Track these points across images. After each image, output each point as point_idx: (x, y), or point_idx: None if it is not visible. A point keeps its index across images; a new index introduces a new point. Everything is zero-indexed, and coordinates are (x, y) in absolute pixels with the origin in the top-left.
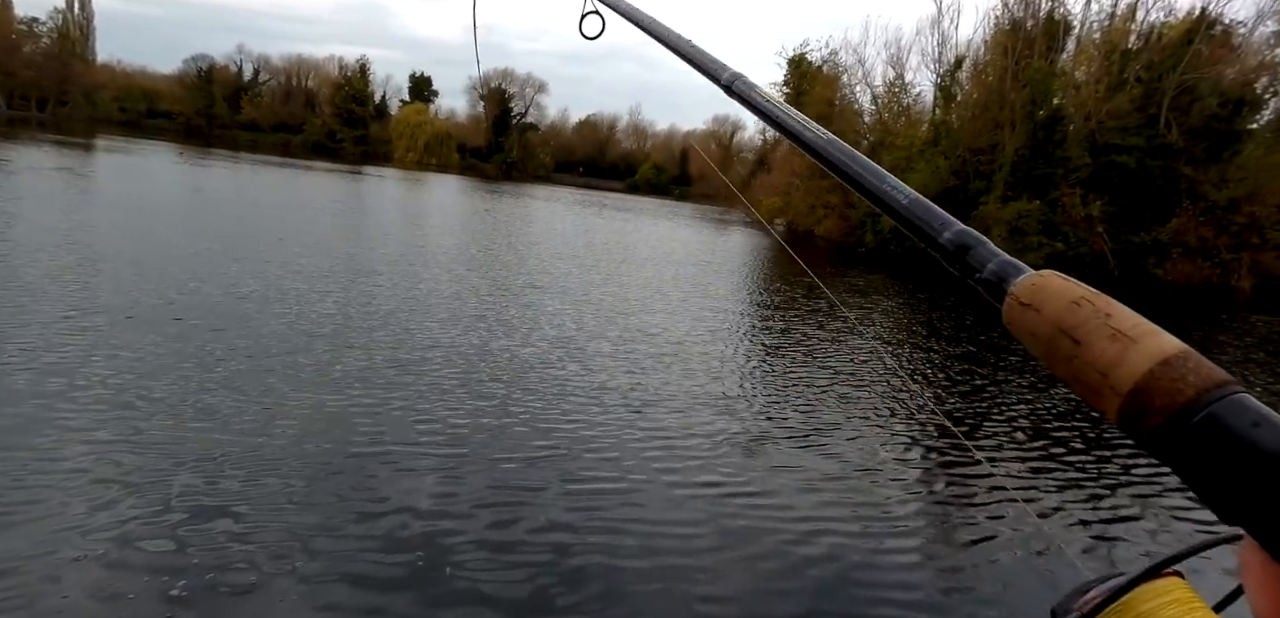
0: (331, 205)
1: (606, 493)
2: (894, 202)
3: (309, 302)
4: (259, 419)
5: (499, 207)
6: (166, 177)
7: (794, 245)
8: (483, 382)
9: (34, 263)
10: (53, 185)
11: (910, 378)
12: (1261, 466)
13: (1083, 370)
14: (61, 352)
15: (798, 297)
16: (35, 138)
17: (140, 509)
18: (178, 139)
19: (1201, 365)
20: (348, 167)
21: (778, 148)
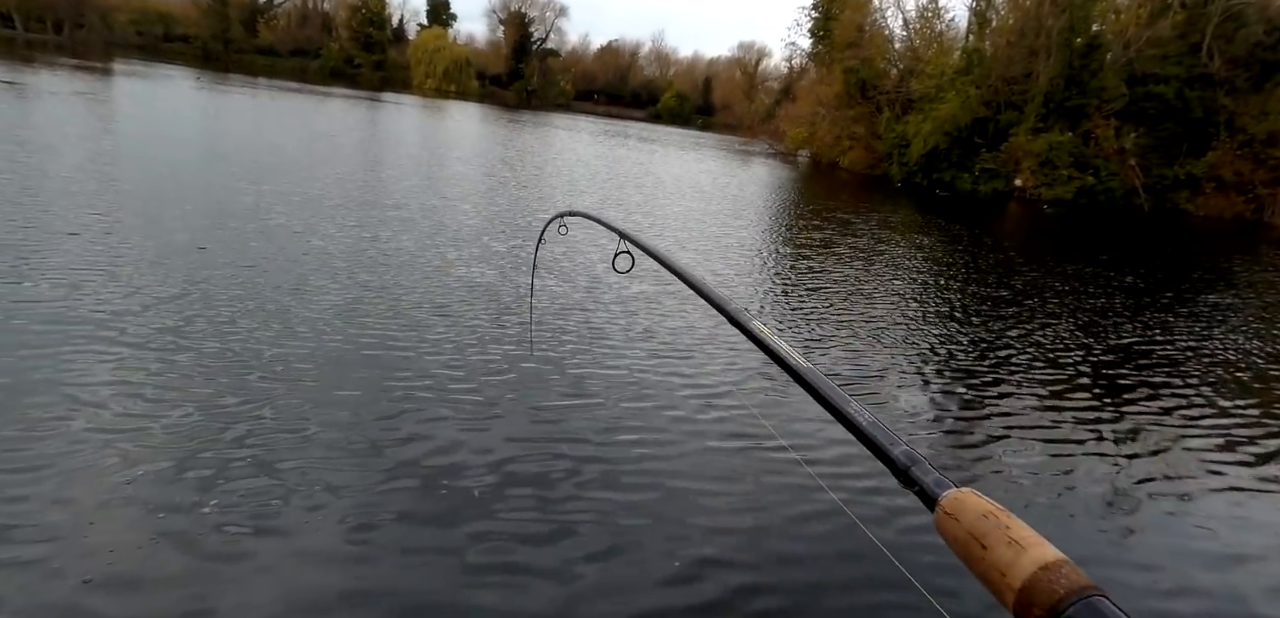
0: (352, 134)
1: (639, 436)
2: (857, 420)
3: (332, 235)
4: (285, 351)
5: (519, 138)
6: (185, 103)
7: (817, 177)
8: (508, 322)
9: (56, 192)
10: (73, 111)
11: (933, 312)
12: None
13: (987, 570)
14: (86, 282)
15: (830, 231)
16: (53, 61)
17: (164, 443)
18: (195, 64)
19: (1073, 573)
20: (366, 93)
21: (803, 76)
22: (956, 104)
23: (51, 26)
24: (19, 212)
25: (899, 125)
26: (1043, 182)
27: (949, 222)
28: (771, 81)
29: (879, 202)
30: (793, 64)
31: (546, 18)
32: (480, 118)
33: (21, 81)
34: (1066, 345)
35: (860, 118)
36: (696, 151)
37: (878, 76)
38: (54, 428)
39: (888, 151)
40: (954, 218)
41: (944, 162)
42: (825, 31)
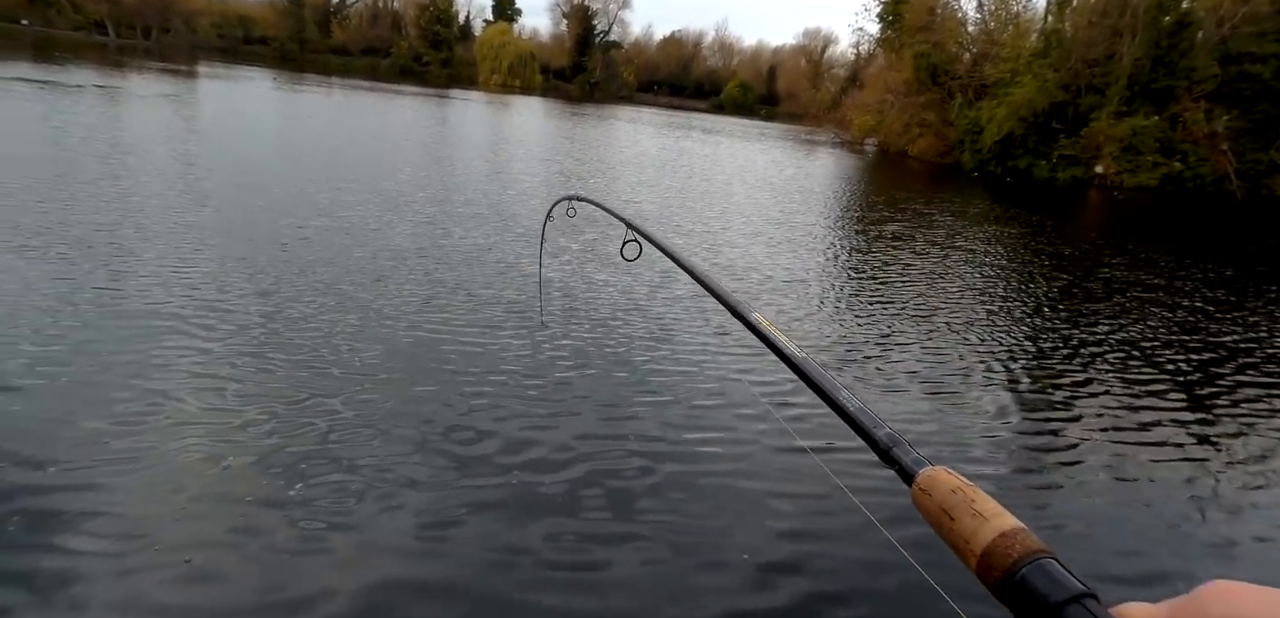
0: (422, 131)
1: (710, 435)
2: (844, 403)
3: (407, 231)
4: (362, 346)
5: (583, 131)
6: (265, 103)
7: (886, 166)
8: (579, 321)
9: (145, 192)
10: (160, 113)
11: (1010, 312)
12: (1052, 612)
13: (954, 538)
14: (173, 279)
15: (903, 223)
16: (142, 66)
17: (246, 437)
18: (272, 64)
19: (1027, 538)
20: (434, 90)
21: (871, 63)
22: (1033, 88)
23: (140, 32)
24: (111, 210)
25: (972, 111)
26: (1125, 168)
27: (1028, 211)
28: (838, 69)
29: (952, 191)
30: (860, 50)
31: (609, 10)
32: (543, 112)
33: (113, 86)
34: (1163, 342)
35: (930, 104)
36: (761, 142)
37: (950, 61)
38: (141, 422)
39: (960, 139)
40: (1032, 207)
41: (1019, 148)
42: (895, 16)
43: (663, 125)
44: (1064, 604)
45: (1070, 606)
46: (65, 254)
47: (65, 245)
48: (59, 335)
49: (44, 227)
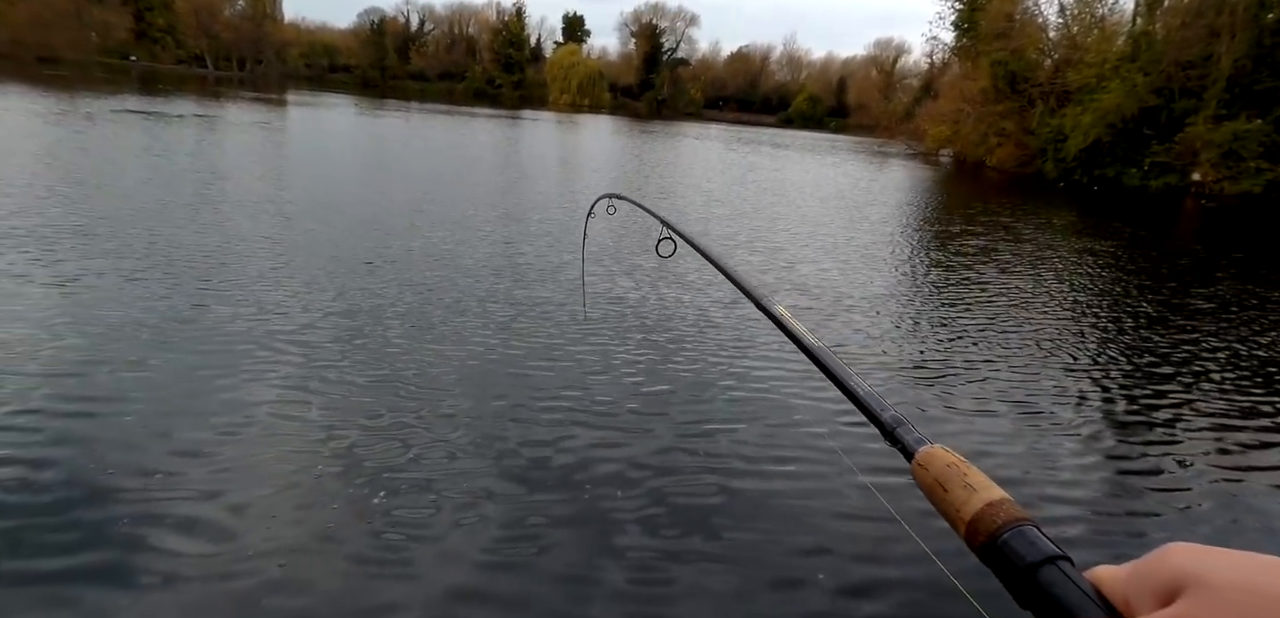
0: (497, 151)
1: (789, 452)
2: (855, 388)
3: (483, 250)
4: (442, 362)
5: (651, 149)
6: (349, 128)
7: (963, 177)
8: (653, 342)
9: (238, 213)
10: (253, 139)
11: (1095, 332)
12: (1027, 572)
13: (946, 508)
14: (263, 296)
15: (987, 236)
16: (236, 95)
17: (331, 450)
18: (355, 91)
19: (1010, 507)
20: (507, 111)
21: (946, 72)
22: (1121, 93)
23: (236, 64)
24: (207, 234)
25: (1054, 119)
26: (1226, 175)
27: (1121, 221)
28: (910, 79)
29: (1037, 202)
30: (934, 60)
31: (677, 28)
32: (611, 130)
33: (211, 114)
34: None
35: (1009, 113)
36: (832, 155)
37: (1029, 68)
38: (235, 434)
39: (1041, 148)
40: (1124, 217)
41: (1107, 156)
42: (970, 24)
43: (731, 140)
44: (1039, 564)
45: (1045, 566)
46: (167, 275)
47: (167, 267)
48: (163, 351)
49: (148, 249)
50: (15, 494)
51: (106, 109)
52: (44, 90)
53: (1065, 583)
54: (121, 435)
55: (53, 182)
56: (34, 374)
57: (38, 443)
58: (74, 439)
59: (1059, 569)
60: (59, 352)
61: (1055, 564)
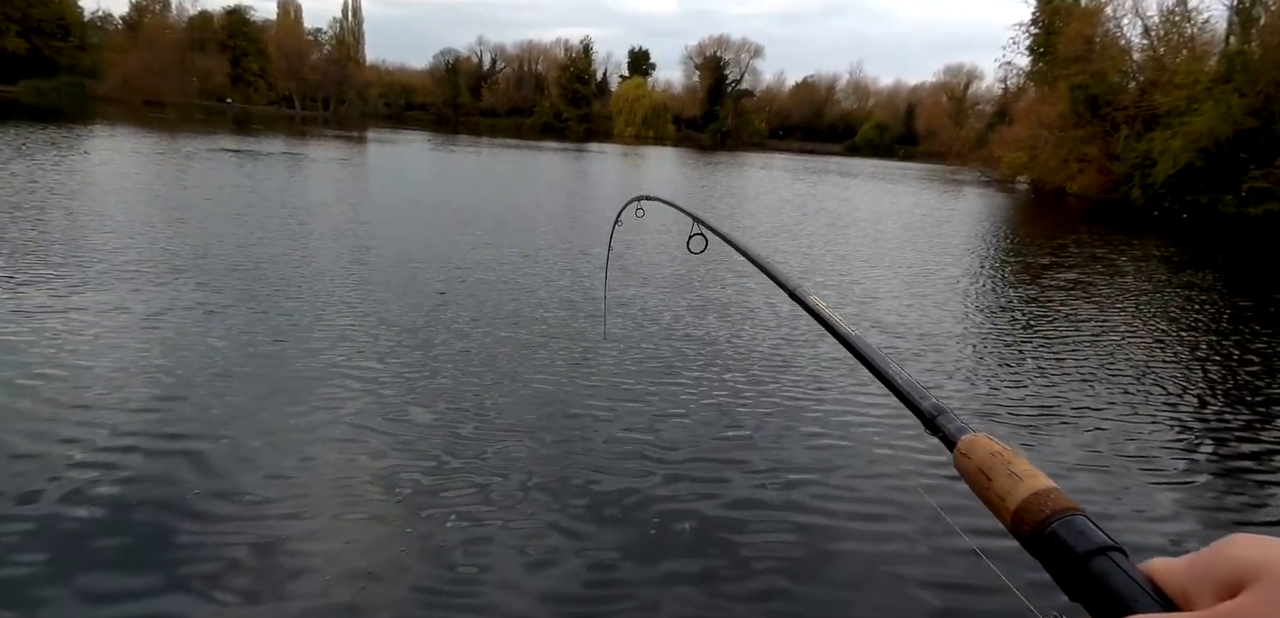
0: (564, 184)
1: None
2: (892, 376)
3: (550, 281)
4: (512, 390)
5: (714, 179)
6: (424, 163)
7: (1043, 204)
8: (713, 372)
9: (320, 243)
10: (334, 174)
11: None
12: (1078, 563)
13: (991, 497)
14: (342, 324)
15: (1079, 268)
16: (321, 133)
17: (405, 466)
18: (430, 128)
19: (1058, 496)
20: (573, 144)
21: (1021, 97)
22: (1215, 116)
23: (321, 104)
24: (290, 266)
25: (1141, 144)
26: None
27: (1222, 253)
28: (983, 105)
29: (1128, 231)
30: (1007, 84)
31: (741, 60)
32: (676, 161)
33: (297, 152)
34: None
35: (1091, 137)
36: (903, 183)
37: (1112, 91)
38: (317, 459)
39: (1127, 173)
40: (1225, 247)
41: (1199, 182)
42: (1047, 47)
43: (797, 170)
44: (1090, 555)
45: (1096, 557)
46: (253, 308)
47: (252, 300)
48: (247, 382)
49: (236, 283)
50: (106, 513)
51: (203, 148)
52: (150, 131)
53: (1119, 574)
54: (205, 462)
55: (153, 217)
56: (127, 402)
57: (128, 466)
58: (161, 464)
59: (1111, 560)
60: (151, 380)
61: (1107, 555)
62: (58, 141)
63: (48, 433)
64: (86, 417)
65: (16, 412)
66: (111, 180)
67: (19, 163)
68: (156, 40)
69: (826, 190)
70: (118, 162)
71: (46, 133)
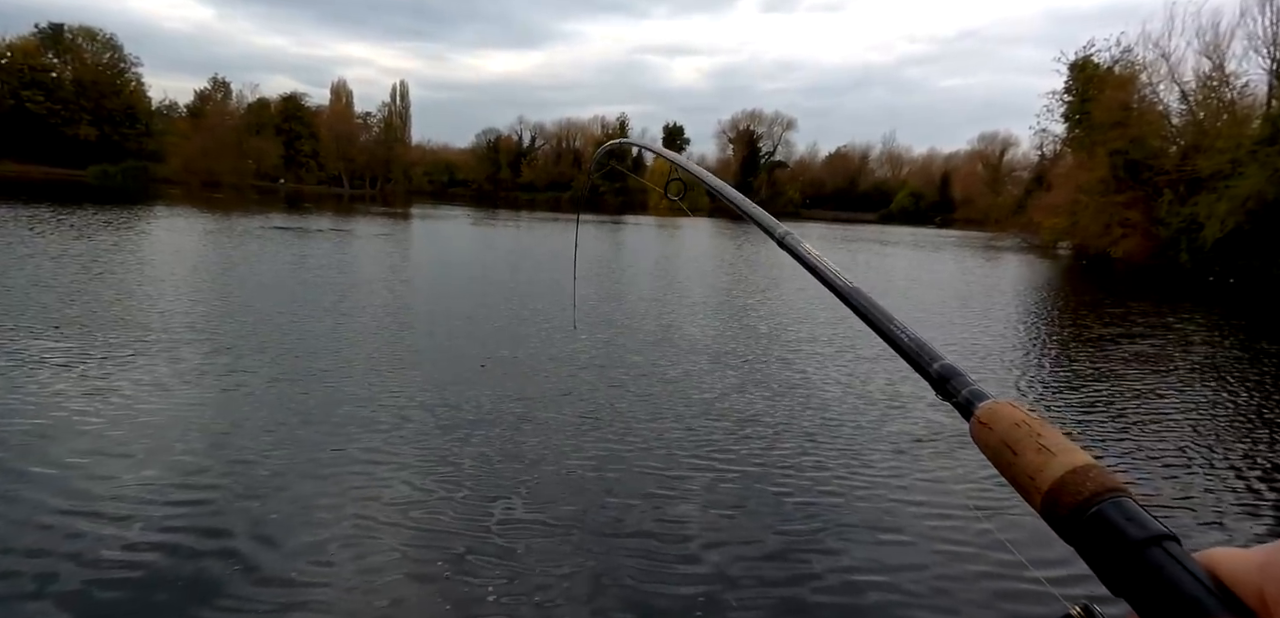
0: (600, 260)
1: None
2: (899, 338)
3: (587, 352)
4: (543, 461)
5: (749, 250)
6: (464, 238)
7: (1084, 269)
8: (749, 438)
9: (367, 316)
10: (379, 249)
11: None
12: (1130, 552)
13: (1018, 474)
14: (388, 392)
15: (1140, 339)
16: (367, 211)
17: (444, 531)
18: (471, 203)
19: (1101, 474)
20: (610, 217)
21: (1058, 163)
22: (1260, 178)
23: (368, 182)
24: (337, 335)
25: (1185, 208)
26: None
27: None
28: (1019, 171)
29: (1182, 297)
30: (1043, 151)
31: (774, 132)
32: (710, 232)
33: (345, 229)
34: None
35: (1133, 202)
36: (943, 251)
37: (1152, 155)
38: (364, 520)
39: (1173, 237)
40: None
41: (1250, 245)
42: (1082, 114)
43: (834, 238)
44: (1145, 544)
45: (1151, 546)
46: (302, 375)
47: (302, 369)
48: (296, 447)
49: (287, 353)
50: (168, 561)
51: (257, 227)
52: (208, 212)
53: (1178, 569)
54: (260, 516)
55: (210, 292)
56: (172, 470)
57: (172, 530)
58: (205, 530)
59: (1168, 552)
60: (198, 450)
61: (1163, 546)
62: (116, 222)
63: (95, 496)
64: (133, 484)
65: (69, 477)
66: (175, 258)
67: (80, 243)
68: (217, 126)
69: (867, 258)
70: (179, 240)
71: (107, 214)
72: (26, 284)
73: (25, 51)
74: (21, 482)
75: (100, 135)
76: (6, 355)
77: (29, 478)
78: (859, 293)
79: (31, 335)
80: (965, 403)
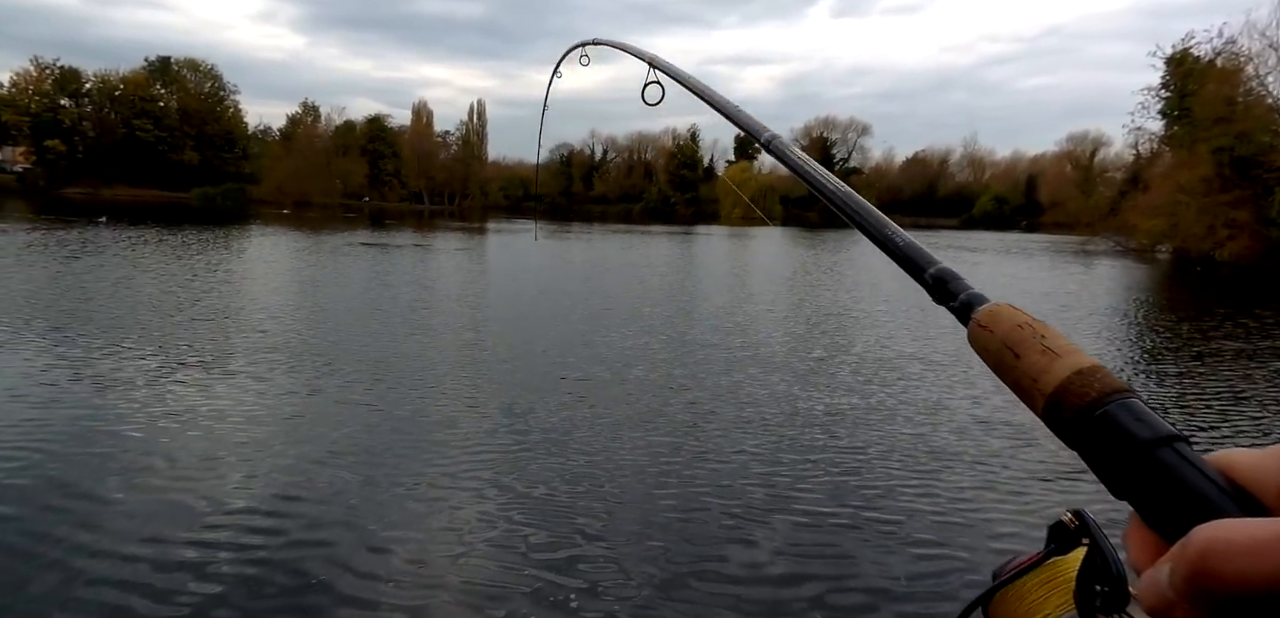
0: (671, 268)
1: None
2: (892, 241)
3: (661, 363)
4: (619, 474)
5: (824, 256)
6: (538, 250)
7: (1185, 273)
8: (816, 451)
9: (440, 329)
10: (456, 262)
11: None
12: (1137, 452)
13: (1020, 377)
14: (462, 403)
15: (1217, 346)
16: (446, 226)
17: (512, 528)
18: (545, 217)
19: (1107, 377)
20: (681, 228)
21: (1155, 164)
22: None
23: (447, 199)
24: (415, 345)
25: None
26: None
27: None
28: (1112, 172)
29: (1264, 303)
30: (1139, 150)
31: (848, 138)
32: (783, 238)
33: (426, 244)
34: None
35: (1240, 201)
36: (1032, 257)
37: (1261, 151)
38: (438, 531)
39: None
40: None
41: None
42: (1181, 110)
43: None
44: (1154, 444)
45: (1161, 447)
46: (384, 387)
47: (386, 381)
48: (380, 456)
49: (371, 365)
50: (246, 577)
51: (344, 243)
52: (299, 230)
53: (1190, 469)
54: (333, 530)
55: (302, 306)
56: (259, 479)
57: (257, 540)
58: (289, 542)
59: (1177, 451)
60: (283, 459)
61: (1172, 446)
62: (212, 242)
63: (184, 507)
64: (220, 493)
65: (159, 487)
66: (269, 276)
67: (177, 263)
68: (307, 148)
69: (958, 267)
70: (273, 256)
71: (209, 234)
72: (135, 301)
73: (136, 84)
74: (108, 490)
75: (202, 159)
76: (102, 367)
77: (115, 487)
78: (852, 196)
79: (131, 351)
80: (964, 306)
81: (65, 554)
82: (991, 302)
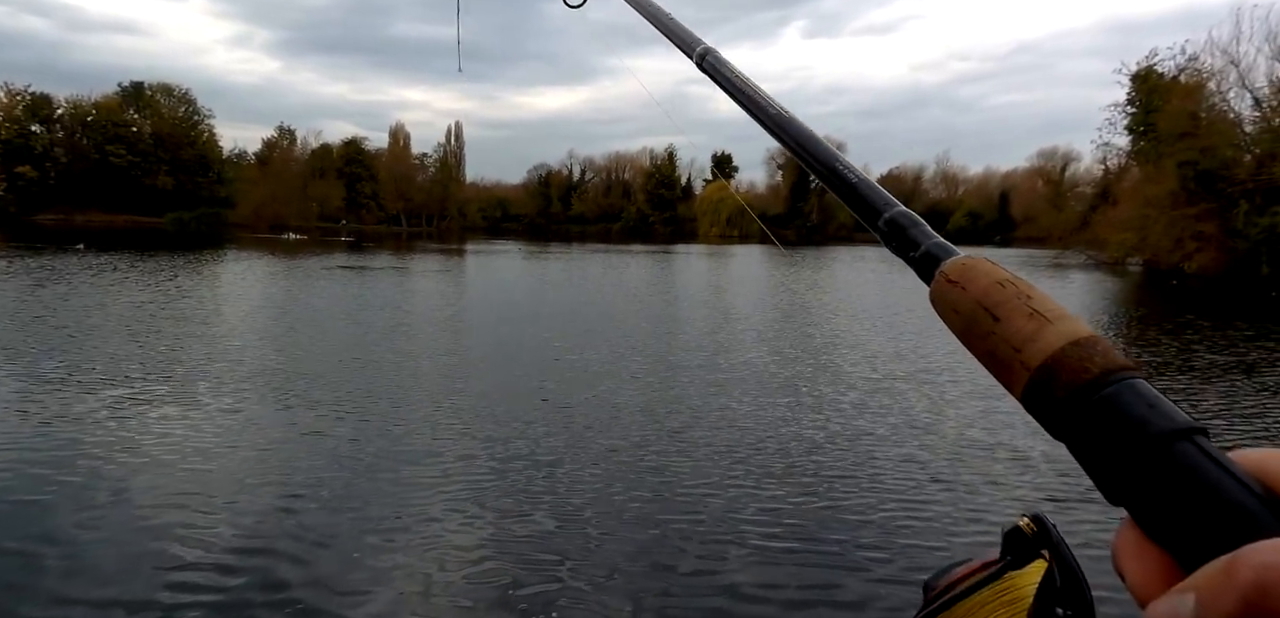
0: (650, 287)
1: None
2: (843, 177)
3: (642, 385)
4: (603, 489)
5: (801, 274)
6: (517, 272)
7: (1165, 286)
8: (799, 469)
9: (418, 351)
10: (434, 285)
11: None
12: (1149, 446)
13: (998, 345)
14: (440, 423)
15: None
16: (424, 248)
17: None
18: (523, 237)
19: (1109, 350)
20: (659, 247)
21: (1123, 178)
22: None
23: (425, 220)
24: (393, 368)
25: (1263, 218)
26: None
27: None
28: (1082, 187)
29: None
30: (1107, 165)
31: None
32: (762, 256)
33: (403, 266)
34: None
35: (1205, 214)
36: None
37: (1225, 165)
38: (404, 546)
39: (1252, 249)
40: None
41: None
42: (1147, 125)
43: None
44: (1172, 437)
45: (1181, 441)
46: (359, 406)
47: (362, 404)
48: (362, 479)
49: (347, 389)
50: (223, 598)
51: (320, 266)
52: (274, 253)
53: (1217, 470)
54: (312, 566)
55: (275, 329)
56: (240, 501)
57: (238, 563)
58: (269, 565)
59: (1200, 447)
60: (263, 483)
61: (1193, 440)
62: (183, 268)
63: (165, 532)
64: (200, 517)
65: (138, 511)
66: (243, 300)
67: (148, 291)
68: (283, 172)
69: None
70: (247, 280)
71: (182, 260)
72: (110, 329)
73: (108, 109)
74: (92, 516)
75: (176, 184)
76: (75, 397)
77: (99, 512)
78: (794, 123)
79: (106, 379)
80: (927, 257)
81: (23, 592)
82: (963, 254)
